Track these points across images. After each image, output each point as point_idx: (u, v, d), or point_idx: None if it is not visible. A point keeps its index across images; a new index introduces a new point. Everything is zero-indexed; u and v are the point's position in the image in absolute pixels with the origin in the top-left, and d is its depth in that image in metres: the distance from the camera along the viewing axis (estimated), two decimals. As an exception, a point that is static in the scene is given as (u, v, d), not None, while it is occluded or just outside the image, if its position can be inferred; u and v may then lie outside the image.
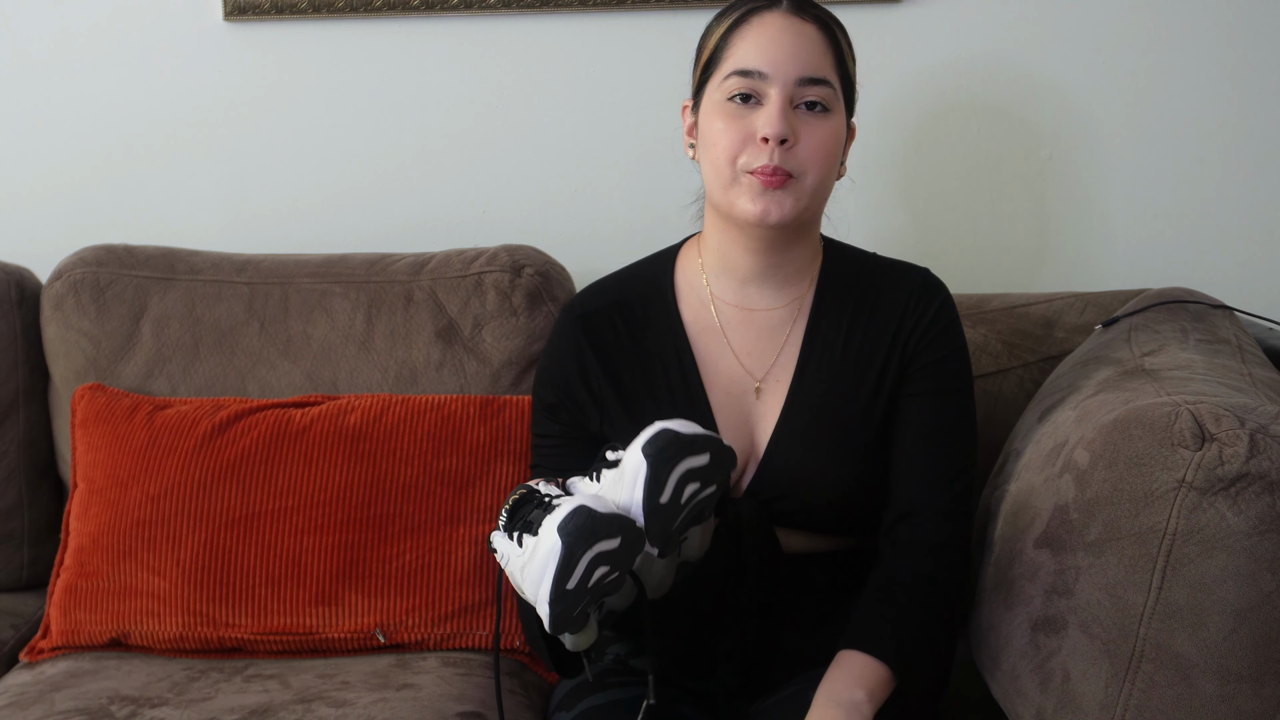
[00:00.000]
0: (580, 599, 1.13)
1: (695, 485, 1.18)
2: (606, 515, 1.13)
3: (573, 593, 1.12)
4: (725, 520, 1.36)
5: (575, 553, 1.11)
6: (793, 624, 1.44)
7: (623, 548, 1.13)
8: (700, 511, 1.20)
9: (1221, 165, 1.95)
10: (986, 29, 1.93)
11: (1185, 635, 1.13)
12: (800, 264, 1.46)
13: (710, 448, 1.18)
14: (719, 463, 1.19)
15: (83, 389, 1.77)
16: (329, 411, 1.70)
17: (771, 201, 1.36)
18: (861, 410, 1.43)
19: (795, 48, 1.37)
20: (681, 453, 1.16)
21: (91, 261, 1.83)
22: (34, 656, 1.67)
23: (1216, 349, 1.45)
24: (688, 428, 1.18)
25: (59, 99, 2.04)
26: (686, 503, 1.18)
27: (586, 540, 1.11)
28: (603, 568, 1.13)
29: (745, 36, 1.39)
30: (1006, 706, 1.32)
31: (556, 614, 1.13)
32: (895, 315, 1.45)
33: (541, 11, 1.96)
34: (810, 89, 1.37)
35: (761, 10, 1.40)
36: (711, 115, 1.40)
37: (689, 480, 1.17)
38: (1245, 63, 1.92)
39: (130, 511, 1.66)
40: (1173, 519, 1.14)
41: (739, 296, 1.47)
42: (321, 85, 2.01)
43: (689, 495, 1.17)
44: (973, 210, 1.99)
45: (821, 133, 1.37)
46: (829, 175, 1.40)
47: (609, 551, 1.12)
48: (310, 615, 1.62)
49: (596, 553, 1.12)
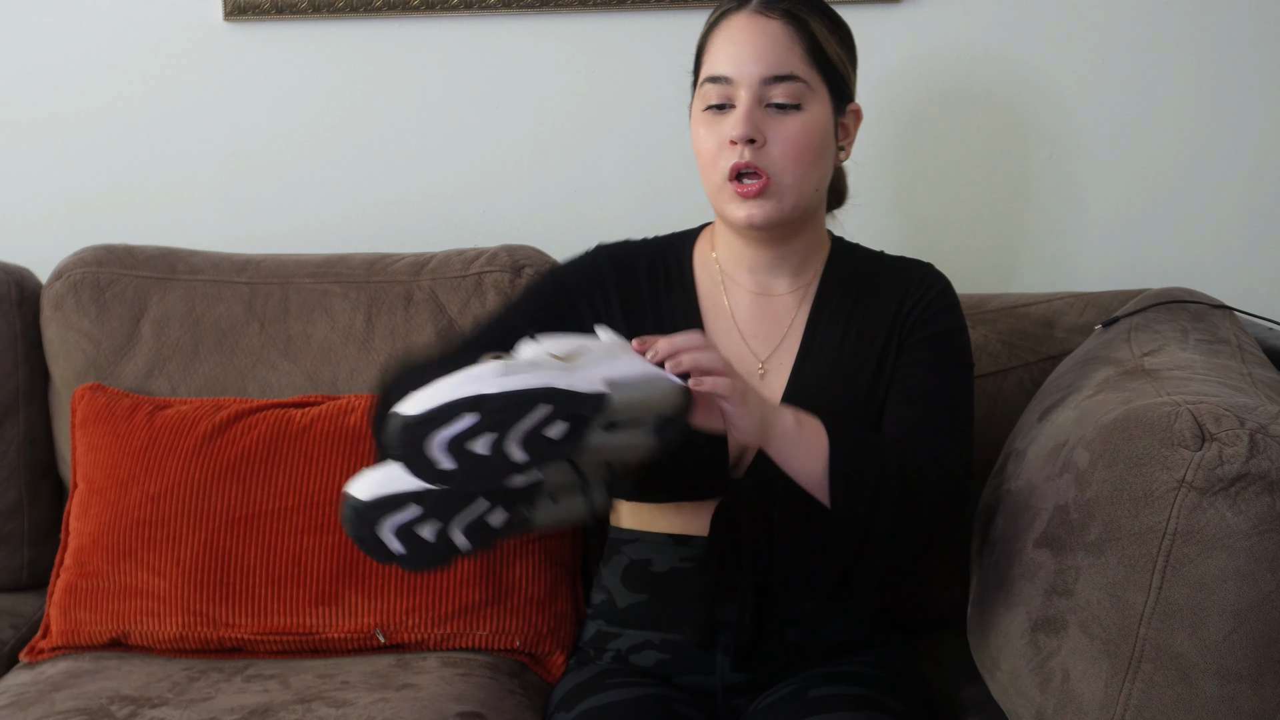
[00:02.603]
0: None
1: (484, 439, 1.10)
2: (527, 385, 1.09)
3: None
4: (725, 501, 1.40)
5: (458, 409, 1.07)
6: (794, 622, 1.45)
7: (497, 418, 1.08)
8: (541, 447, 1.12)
9: (1222, 165, 1.95)
10: (986, 29, 1.93)
11: (1185, 635, 1.13)
12: (805, 254, 1.49)
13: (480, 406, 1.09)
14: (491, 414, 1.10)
15: (83, 389, 1.77)
16: (329, 411, 1.70)
17: (753, 207, 1.40)
18: (863, 393, 1.44)
19: (757, 48, 1.39)
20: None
21: (91, 261, 1.83)
22: (34, 656, 1.67)
23: (1216, 349, 1.45)
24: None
25: (59, 99, 2.04)
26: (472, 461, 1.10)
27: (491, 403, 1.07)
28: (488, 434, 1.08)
29: (715, 41, 1.43)
30: (1006, 706, 1.32)
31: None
32: (896, 299, 1.47)
33: (541, 11, 1.96)
34: (776, 87, 1.39)
35: (730, 13, 1.43)
36: (696, 123, 1.44)
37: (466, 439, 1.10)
38: (1245, 62, 1.92)
39: (130, 511, 1.66)
40: (1173, 519, 1.14)
41: (748, 281, 1.50)
42: (321, 85, 2.01)
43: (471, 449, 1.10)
44: (972, 210, 1.99)
45: (791, 129, 1.39)
46: (810, 168, 1.41)
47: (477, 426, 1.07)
48: (310, 615, 1.62)
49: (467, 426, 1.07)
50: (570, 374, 1.13)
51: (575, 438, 1.13)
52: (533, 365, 1.13)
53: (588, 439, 1.14)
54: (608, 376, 1.15)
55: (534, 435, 1.10)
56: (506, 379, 1.10)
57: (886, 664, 1.47)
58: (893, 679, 1.44)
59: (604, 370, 1.16)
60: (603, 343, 1.22)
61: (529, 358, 1.15)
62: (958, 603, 1.54)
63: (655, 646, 1.47)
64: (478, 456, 1.09)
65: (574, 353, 1.18)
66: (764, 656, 1.43)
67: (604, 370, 1.16)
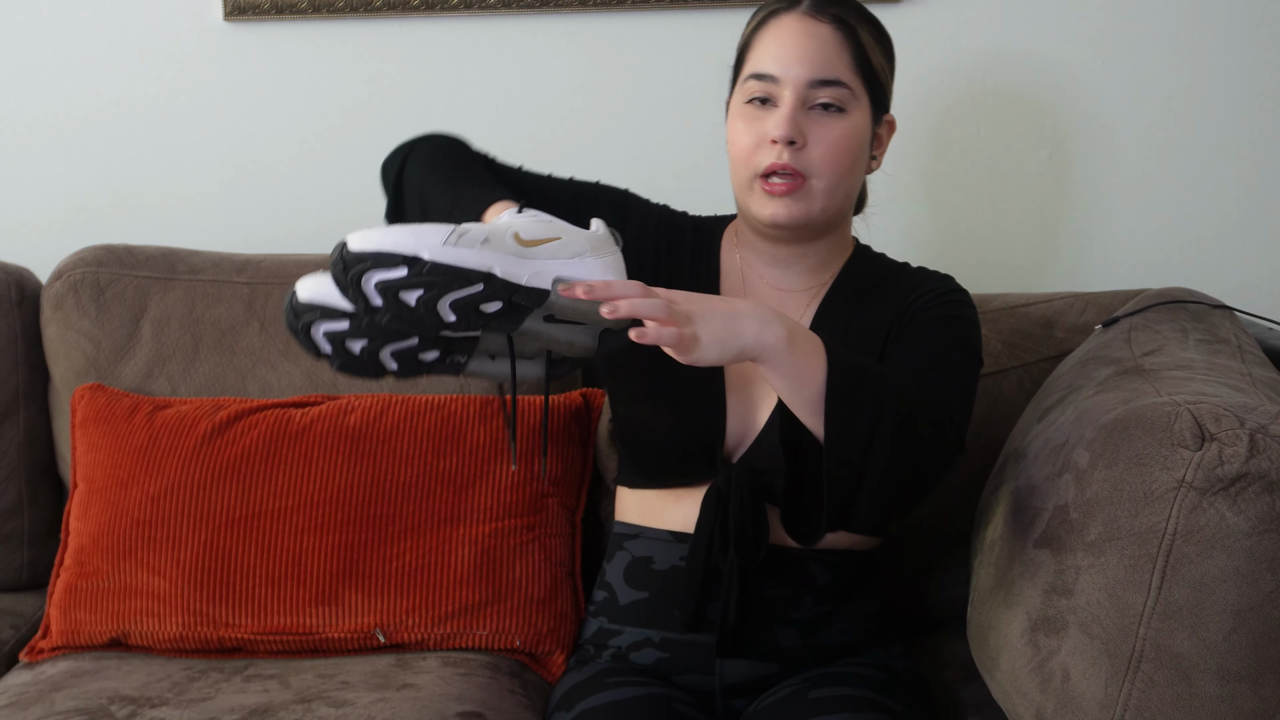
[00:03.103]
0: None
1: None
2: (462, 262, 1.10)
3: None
4: (715, 485, 1.41)
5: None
6: (792, 623, 1.45)
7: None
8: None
9: (1222, 165, 1.95)
10: (986, 30, 1.93)
11: (1185, 635, 1.13)
12: (824, 256, 1.50)
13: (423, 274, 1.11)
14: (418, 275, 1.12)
15: (83, 389, 1.77)
16: (329, 411, 1.70)
17: (780, 206, 1.40)
18: None
19: (807, 50, 1.39)
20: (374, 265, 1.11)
21: (91, 261, 1.83)
22: (34, 656, 1.67)
23: (1216, 349, 1.45)
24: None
25: (59, 99, 2.04)
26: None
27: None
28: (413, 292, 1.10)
29: (763, 39, 1.43)
30: (1006, 706, 1.32)
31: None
32: (903, 294, 1.47)
33: (541, 11, 1.96)
34: (822, 90, 1.39)
35: (780, 12, 1.43)
36: (734, 116, 1.45)
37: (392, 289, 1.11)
38: (1246, 63, 1.92)
39: (130, 511, 1.66)
40: (1172, 519, 1.14)
41: (767, 273, 1.50)
42: (321, 85, 2.01)
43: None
44: (972, 210, 1.99)
45: (834, 133, 1.39)
46: (845, 175, 1.42)
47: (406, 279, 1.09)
48: (310, 615, 1.62)
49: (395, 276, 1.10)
50: (520, 262, 1.14)
51: (508, 318, 1.15)
52: (485, 242, 1.13)
53: (522, 323, 1.16)
54: (560, 275, 1.16)
55: (466, 304, 1.12)
56: (449, 249, 1.11)
57: (886, 665, 1.47)
58: (892, 680, 1.44)
59: (560, 268, 1.16)
60: (584, 235, 1.20)
61: (494, 229, 1.15)
62: (958, 603, 1.54)
63: (655, 645, 1.47)
64: (407, 306, 1.11)
65: (546, 237, 1.17)
66: (751, 646, 1.44)
67: (560, 268, 1.16)
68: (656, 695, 1.40)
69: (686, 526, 1.46)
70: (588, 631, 1.55)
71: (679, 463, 1.46)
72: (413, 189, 1.43)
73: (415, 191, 1.43)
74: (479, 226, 1.15)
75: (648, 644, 1.47)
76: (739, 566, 1.40)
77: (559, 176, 1.54)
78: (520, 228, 1.17)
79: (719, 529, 1.41)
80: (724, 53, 1.47)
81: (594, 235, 1.21)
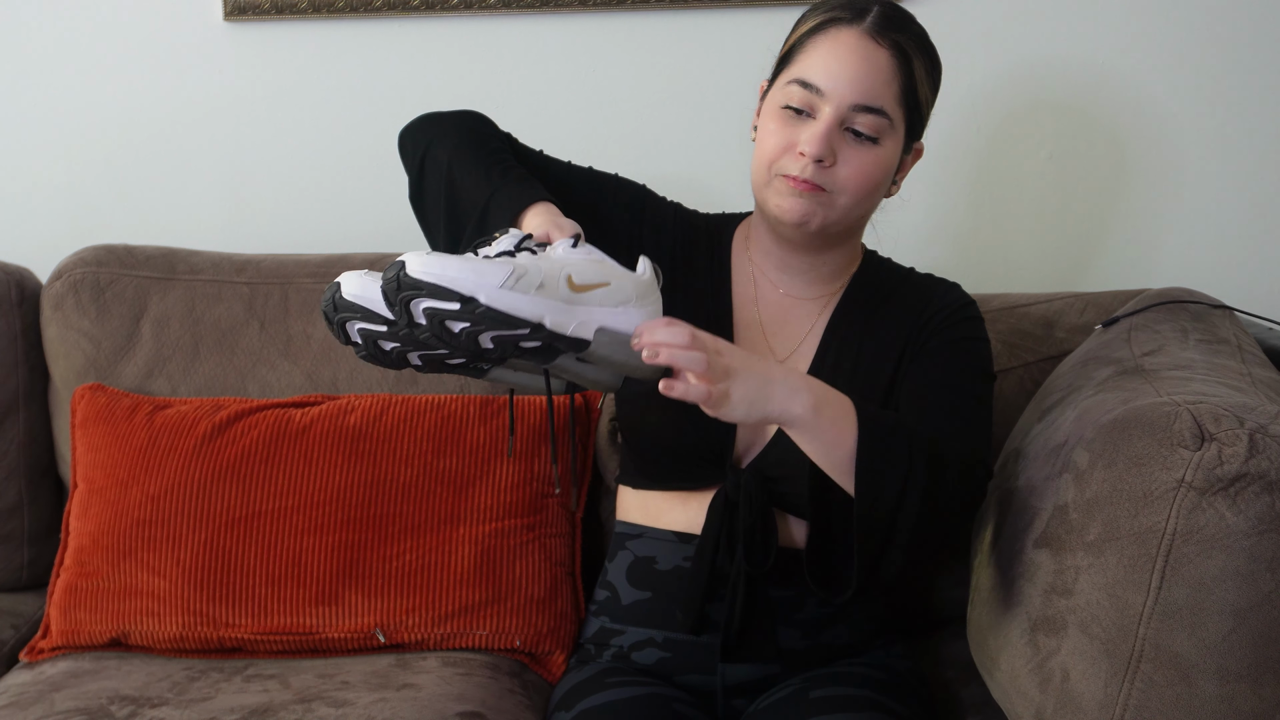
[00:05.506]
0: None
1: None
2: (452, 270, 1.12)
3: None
4: (724, 489, 1.41)
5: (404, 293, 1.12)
6: (795, 624, 1.45)
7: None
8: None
9: (1222, 165, 1.95)
10: (986, 30, 1.93)
11: (1184, 635, 1.13)
12: (836, 266, 1.49)
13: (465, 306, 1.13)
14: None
15: (83, 389, 1.77)
16: (329, 411, 1.70)
17: (799, 203, 1.39)
18: (876, 405, 1.43)
19: (859, 72, 1.36)
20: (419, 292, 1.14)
21: (91, 261, 1.83)
22: (34, 656, 1.67)
23: (1216, 349, 1.45)
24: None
25: (59, 99, 2.04)
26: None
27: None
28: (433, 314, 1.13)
29: (818, 46, 1.39)
30: (1006, 706, 1.32)
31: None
32: (914, 314, 1.46)
33: (541, 11, 1.96)
34: (862, 116, 1.37)
35: (842, 24, 1.39)
36: (768, 114, 1.42)
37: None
38: (1245, 64, 1.92)
39: (130, 511, 1.66)
40: (1172, 519, 1.14)
41: (777, 279, 1.50)
42: (321, 85, 2.01)
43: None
44: (972, 210, 1.99)
45: (862, 161, 1.38)
46: (865, 199, 1.41)
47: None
48: (310, 615, 1.62)
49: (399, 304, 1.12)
50: (568, 310, 1.16)
51: (544, 356, 1.17)
52: (540, 288, 1.15)
53: (556, 360, 1.19)
54: (604, 325, 1.18)
55: (508, 341, 1.14)
56: (505, 294, 1.13)
57: (887, 665, 1.47)
58: (893, 680, 1.44)
59: (604, 317, 1.18)
60: (632, 281, 1.22)
61: (549, 271, 1.17)
62: (958, 603, 1.54)
63: (657, 644, 1.47)
64: (450, 332, 1.13)
65: (597, 282, 1.19)
66: (753, 649, 1.43)
67: (604, 317, 1.18)
68: (657, 695, 1.40)
69: (690, 527, 1.46)
70: (589, 631, 1.55)
71: (687, 466, 1.46)
72: (438, 171, 1.40)
73: (440, 174, 1.40)
74: (535, 266, 1.16)
75: (650, 643, 1.47)
76: (745, 571, 1.40)
77: (578, 165, 1.53)
78: (574, 269, 1.18)
79: (725, 533, 1.41)
80: (724, 52, 1.47)
81: (640, 281, 1.22)
